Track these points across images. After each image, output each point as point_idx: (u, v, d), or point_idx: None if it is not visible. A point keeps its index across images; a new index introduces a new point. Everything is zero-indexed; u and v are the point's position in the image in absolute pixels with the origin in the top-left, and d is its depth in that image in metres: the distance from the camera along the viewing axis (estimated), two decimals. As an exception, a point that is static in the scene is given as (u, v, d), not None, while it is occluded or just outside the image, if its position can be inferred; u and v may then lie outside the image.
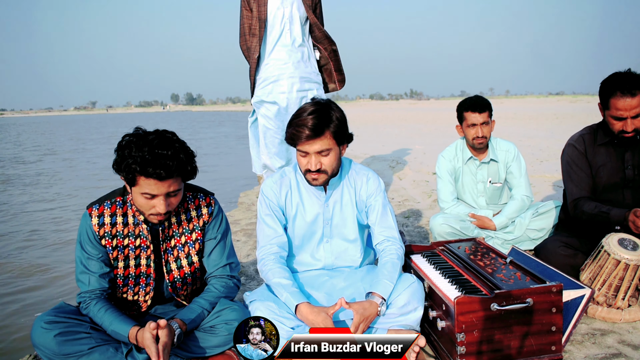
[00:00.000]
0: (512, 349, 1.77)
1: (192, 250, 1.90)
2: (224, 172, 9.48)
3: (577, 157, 2.51)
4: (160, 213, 1.68)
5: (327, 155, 1.92)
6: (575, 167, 2.51)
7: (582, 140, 2.52)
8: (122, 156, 1.62)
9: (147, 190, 1.64)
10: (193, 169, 1.74)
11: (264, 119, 3.79)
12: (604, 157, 2.46)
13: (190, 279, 1.93)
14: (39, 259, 4.23)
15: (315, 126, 1.85)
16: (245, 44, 3.74)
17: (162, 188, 1.64)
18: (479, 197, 3.13)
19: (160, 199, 1.66)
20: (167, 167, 1.60)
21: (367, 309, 1.81)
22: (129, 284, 1.87)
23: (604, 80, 2.33)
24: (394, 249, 2.05)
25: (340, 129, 1.92)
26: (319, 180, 1.96)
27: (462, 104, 2.97)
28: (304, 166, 1.95)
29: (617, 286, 2.17)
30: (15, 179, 9.29)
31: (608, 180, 2.44)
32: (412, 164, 7.84)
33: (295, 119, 1.91)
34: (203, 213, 1.91)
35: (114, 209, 1.81)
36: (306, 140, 1.87)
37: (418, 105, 65.62)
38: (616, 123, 2.33)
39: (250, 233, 4.03)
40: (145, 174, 1.60)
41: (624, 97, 2.24)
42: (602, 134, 2.48)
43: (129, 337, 1.69)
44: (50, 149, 16.89)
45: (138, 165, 1.58)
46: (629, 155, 2.42)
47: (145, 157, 1.58)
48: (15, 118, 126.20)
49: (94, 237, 1.79)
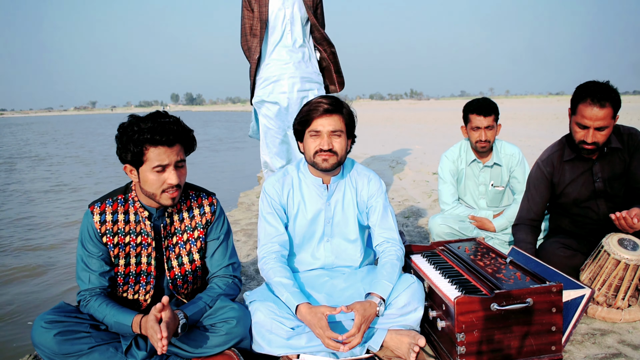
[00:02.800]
0: (512, 349, 1.77)
1: (193, 247, 1.92)
2: (224, 172, 9.48)
3: (539, 180, 2.53)
4: (173, 185, 1.73)
5: (340, 137, 1.97)
6: (534, 189, 2.56)
7: (550, 162, 2.51)
8: (127, 135, 1.68)
9: (157, 161, 1.69)
10: (193, 138, 1.82)
11: (265, 119, 3.79)
12: (572, 174, 2.44)
13: (191, 277, 1.94)
14: (40, 258, 4.23)
15: (333, 102, 1.95)
16: (247, 44, 3.75)
17: (171, 155, 1.71)
18: (480, 199, 3.13)
19: (171, 170, 1.72)
20: (174, 131, 1.70)
21: (367, 309, 1.81)
22: (129, 282, 1.87)
23: (579, 85, 2.29)
24: (393, 250, 2.06)
25: (351, 118, 2.02)
26: (329, 162, 1.97)
27: (468, 106, 2.94)
28: (314, 148, 1.97)
29: (617, 286, 2.17)
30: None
31: (578, 195, 2.43)
32: (412, 164, 7.84)
33: (307, 104, 1.99)
34: (206, 211, 1.93)
35: (116, 206, 1.82)
36: (323, 113, 1.94)
37: (418, 105, 65.64)
38: (579, 131, 2.28)
39: (250, 233, 4.03)
40: (154, 142, 1.67)
41: (592, 104, 2.18)
42: (569, 150, 2.45)
43: (132, 325, 1.70)
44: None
45: (147, 133, 1.66)
46: (597, 168, 2.39)
47: (151, 126, 1.67)
48: (15, 118, 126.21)
49: (94, 235, 1.80)
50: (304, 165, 2.13)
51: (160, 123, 1.68)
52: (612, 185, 2.38)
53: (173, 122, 1.72)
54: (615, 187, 2.38)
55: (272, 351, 1.84)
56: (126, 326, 1.71)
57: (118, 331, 1.76)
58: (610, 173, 2.37)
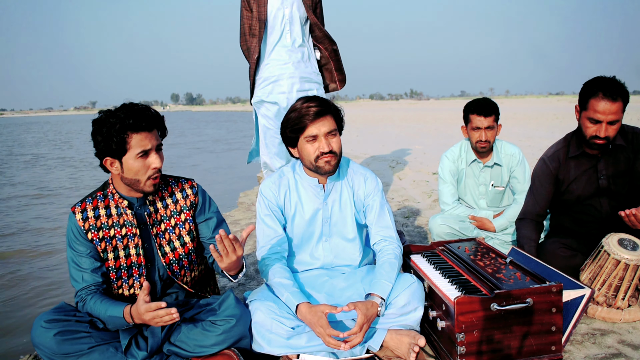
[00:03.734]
0: (512, 349, 1.77)
1: (182, 231, 1.96)
2: (224, 172, 9.48)
3: (545, 175, 2.52)
4: (157, 168, 1.79)
5: (335, 136, 1.97)
6: (539, 184, 2.55)
7: (556, 158, 2.50)
8: (107, 126, 1.71)
9: (140, 147, 1.74)
10: (164, 124, 1.89)
11: (264, 119, 3.79)
12: (577, 171, 2.44)
13: (186, 261, 1.96)
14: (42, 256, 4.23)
15: (321, 103, 1.92)
16: (246, 44, 3.74)
17: (152, 140, 1.78)
18: (480, 199, 3.12)
19: (154, 154, 1.79)
20: (152, 116, 1.78)
21: (369, 309, 1.81)
22: (122, 277, 1.88)
23: (587, 81, 2.30)
24: (391, 248, 2.05)
25: (340, 115, 2.01)
26: (332, 163, 1.97)
27: (468, 106, 2.93)
28: (313, 152, 1.95)
29: (617, 286, 2.17)
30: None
31: (582, 192, 2.43)
32: (412, 164, 7.84)
33: (293, 111, 1.95)
34: (188, 194, 1.99)
35: (96, 203, 1.87)
36: (315, 118, 1.91)
37: (418, 105, 65.64)
38: (591, 126, 2.28)
39: (250, 233, 4.02)
40: (136, 128, 1.72)
41: (605, 99, 2.19)
42: (574, 146, 2.45)
43: (124, 316, 1.71)
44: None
45: (128, 119, 1.70)
46: (601, 166, 2.39)
47: (130, 114, 1.72)
48: (15, 118, 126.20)
49: (79, 234, 1.83)
50: (299, 166, 2.12)
51: (137, 111, 1.74)
52: (615, 183, 2.38)
53: (147, 108, 1.79)
54: (619, 185, 2.38)
55: (272, 351, 1.84)
56: (119, 318, 1.72)
57: (115, 326, 1.77)
58: (615, 170, 2.38)
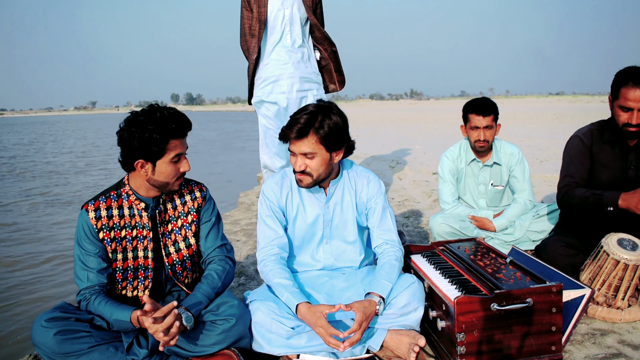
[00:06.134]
0: (512, 349, 1.77)
1: (188, 232, 1.96)
2: (224, 172, 9.48)
3: (581, 150, 2.53)
4: (187, 171, 1.85)
5: (312, 158, 1.93)
6: (576, 159, 2.53)
7: (590, 135, 2.54)
8: (148, 132, 1.70)
9: (175, 152, 1.78)
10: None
11: (264, 119, 3.79)
12: (608, 156, 2.48)
13: (189, 262, 1.97)
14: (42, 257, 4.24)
15: (301, 129, 1.88)
16: (246, 44, 3.74)
17: (185, 144, 1.83)
18: (480, 198, 3.13)
19: (184, 159, 1.84)
20: (189, 122, 1.82)
21: (367, 307, 1.81)
22: (127, 278, 1.88)
23: (619, 71, 2.37)
24: (392, 251, 2.06)
25: (330, 135, 1.89)
26: (303, 182, 1.97)
27: (467, 105, 2.94)
28: (292, 165, 1.99)
29: (617, 286, 2.17)
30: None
31: (609, 179, 2.45)
32: (412, 164, 7.84)
33: (291, 117, 1.95)
34: (197, 196, 2.00)
35: (109, 202, 1.85)
36: (292, 140, 1.92)
37: (418, 105, 65.63)
38: (622, 114, 2.35)
39: (250, 233, 4.03)
40: (177, 134, 1.76)
41: (635, 87, 2.27)
42: (609, 132, 2.49)
43: (131, 320, 1.71)
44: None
45: (171, 124, 1.73)
46: (632, 156, 2.44)
47: (172, 120, 1.74)
48: (15, 118, 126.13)
49: (90, 232, 1.81)
50: None
51: (176, 115, 1.76)
52: None
53: (181, 113, 1.80)
54: None
55: (272, 351, 1.84)
56: (126, 322, 1.72)
57: (120, 329, 1.76)
58: None
